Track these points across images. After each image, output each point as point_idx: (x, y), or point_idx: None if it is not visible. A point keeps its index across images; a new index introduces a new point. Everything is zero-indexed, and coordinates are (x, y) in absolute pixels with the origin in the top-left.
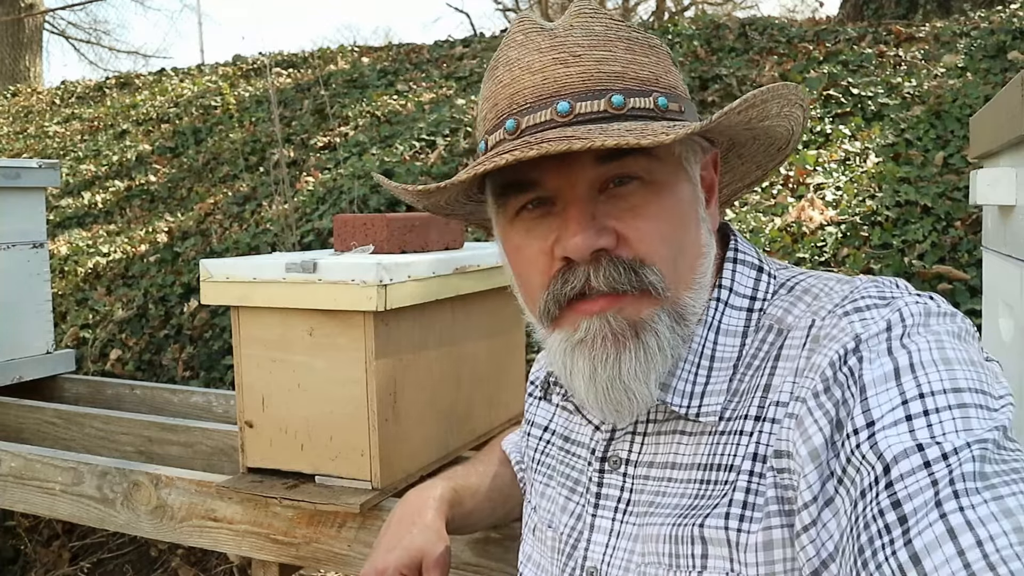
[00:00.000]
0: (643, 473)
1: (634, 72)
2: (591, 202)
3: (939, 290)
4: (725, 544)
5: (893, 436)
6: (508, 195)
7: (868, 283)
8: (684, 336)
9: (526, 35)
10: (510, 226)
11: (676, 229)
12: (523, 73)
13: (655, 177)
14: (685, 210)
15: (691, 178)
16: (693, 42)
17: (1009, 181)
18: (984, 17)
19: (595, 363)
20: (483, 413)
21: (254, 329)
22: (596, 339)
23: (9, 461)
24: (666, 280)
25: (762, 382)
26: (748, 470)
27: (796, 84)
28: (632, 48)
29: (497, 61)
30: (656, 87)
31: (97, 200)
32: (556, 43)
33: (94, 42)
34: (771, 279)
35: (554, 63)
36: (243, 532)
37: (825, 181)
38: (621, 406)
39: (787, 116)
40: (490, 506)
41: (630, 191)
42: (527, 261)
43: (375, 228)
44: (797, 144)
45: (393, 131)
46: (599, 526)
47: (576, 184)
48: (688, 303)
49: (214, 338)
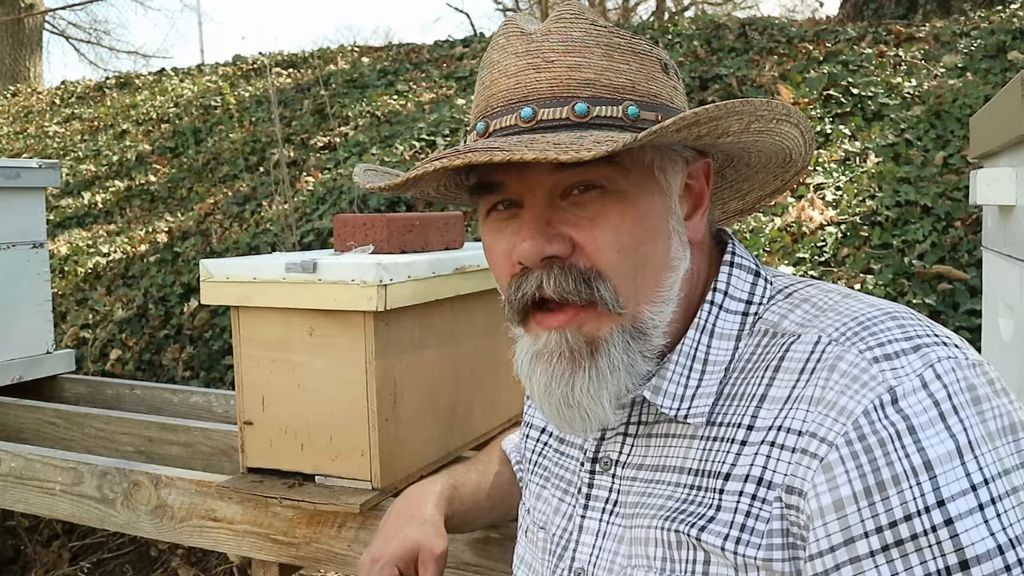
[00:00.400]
0: (631, 475)
1: (608, 79)
2: (550, 208)
3: (939, 290)
4: (723, 558)
5: (973, 530)
6: (480, 194)
7: (882, 314)
8: (644, 350)
9: (507, 39)
10: (483, 224)
11: (638, 241)
12: (499, 76)
13: (618, 186)
14: (651, 221)
15: (664, 189)
16: (693, 42)
17: (1009, 181)
18: (984, 17)
19: (551, 378)
20: (483, 413)
21: (254, 329)
22: (553, 354)
23: (9, 461)
24: (620, 295)
25: (758, 391)
26: (751, 493)
27: (771, 100)
28: (611, 54)
29: (483, 63)
30: (630, 95)
31: (97, 200)
32: (532, 48)
33: (94, 42)
34: (768, 284)
35: (527, 68)
36: (243, 532)
37: (825, 181)
38: (574, 423)
39: (767, 132)
40: (490, 504)
41: (590, 199)
42: (493, 261)
43: (375, 228)
44: (806, 158)
45: (393, 131)
46: (587, 527)
47: (535, 189)
48: (647, 318)
49: (214, 338)
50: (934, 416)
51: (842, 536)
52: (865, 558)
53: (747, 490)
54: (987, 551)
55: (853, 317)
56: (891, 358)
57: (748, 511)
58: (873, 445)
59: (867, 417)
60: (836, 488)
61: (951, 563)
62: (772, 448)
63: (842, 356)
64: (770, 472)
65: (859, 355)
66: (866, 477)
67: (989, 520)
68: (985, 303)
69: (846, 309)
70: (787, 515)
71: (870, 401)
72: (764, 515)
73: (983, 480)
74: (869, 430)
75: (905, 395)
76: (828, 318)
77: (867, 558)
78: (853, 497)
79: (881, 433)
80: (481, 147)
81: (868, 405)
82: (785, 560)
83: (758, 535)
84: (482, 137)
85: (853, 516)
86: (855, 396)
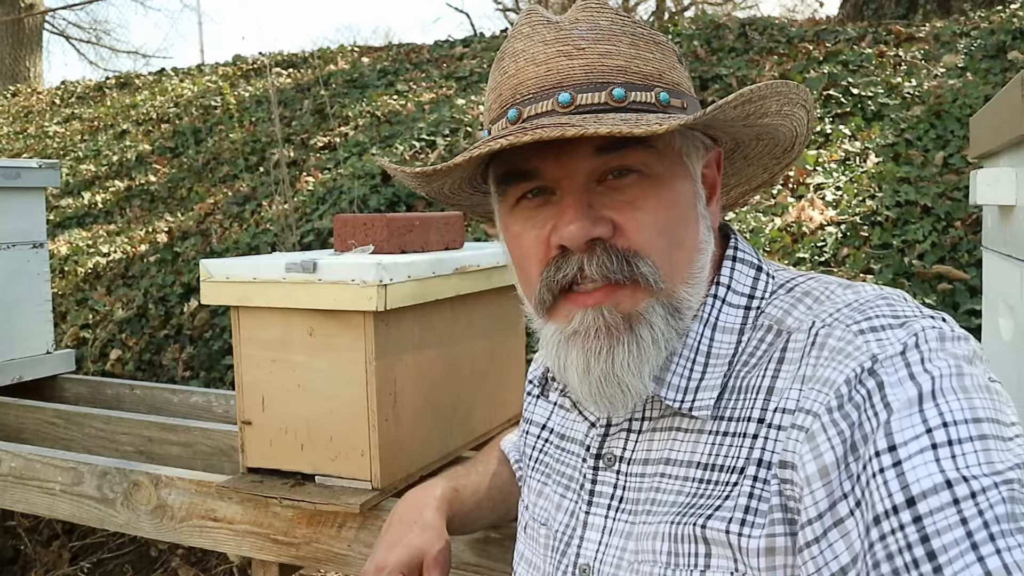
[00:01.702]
0: (637, 471)
1: (637, 67)
2: (589, 192)
3: (939, 290)
4: (727, 546)
5: (920, 467)
6: (509, 183)
7: (876, 296)
8: (679, 329)
9: (532, 27)
10: (510, 215)
11: (673, 223)
12: (528, 64)
13: (654, 171)
14: (684, 205)
15: (691, 174)
16: (693, 42)
17: (1009, 181)
18: (984, 17)
19: (588, 357)
20: (483, 413)
21: (254, 329)
22: (590, 331)
23: (9, 461)
24: (660, 272)
25: (764, 384)
26: (752, 475)
27: (798, 84)
28: (636, 43)
29: (503, 52)
30: (659, 82)
31: (97, 200)
32: (561, 36)
33: (94, 42)
34: (770, 279)
35: (558, 55)
36: (243, 532)
37: (825, 181)
38: (615, 399)
39: (789, 115)
40: (490, 505)
41: (628, 183)
42: (524, 249)
43: (375, 228)
44: (803, 146)
45: (393, 131)
46: (592, 523)
47: (574, 174)
48: (683, 297)
49: (214, 338)
50: (904, 375)
51: (828, 501)
52: (847, 518)
53: (749, 473)
54: (933, 486)
55: (847, 303)
56: (877, 331)
57: (751, 493)
58: (850, 411)
59: (848, 385)
60: (820, 456)
61: (897, 501)
62: (771, 430)
63: (830, 333)
64: (768, 453)
65: (846, 329)
66: (845, 442)
67: (941, 460)
68: (985, 303)
69: (842, 297)
70: (783, 490)
71: (852, 370)
72: (766, 495)
73: (942, 424)
74: (847, 397)
75: (883, 360)
76: (824, 307)
77: (848, 517)
78: (836, 463)
79: (856, 398)
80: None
81: (849, 373)
82: (786, 535)
83: (761, 515)
84: (514, 124)
85: (835, 481)
86: (839, 367)
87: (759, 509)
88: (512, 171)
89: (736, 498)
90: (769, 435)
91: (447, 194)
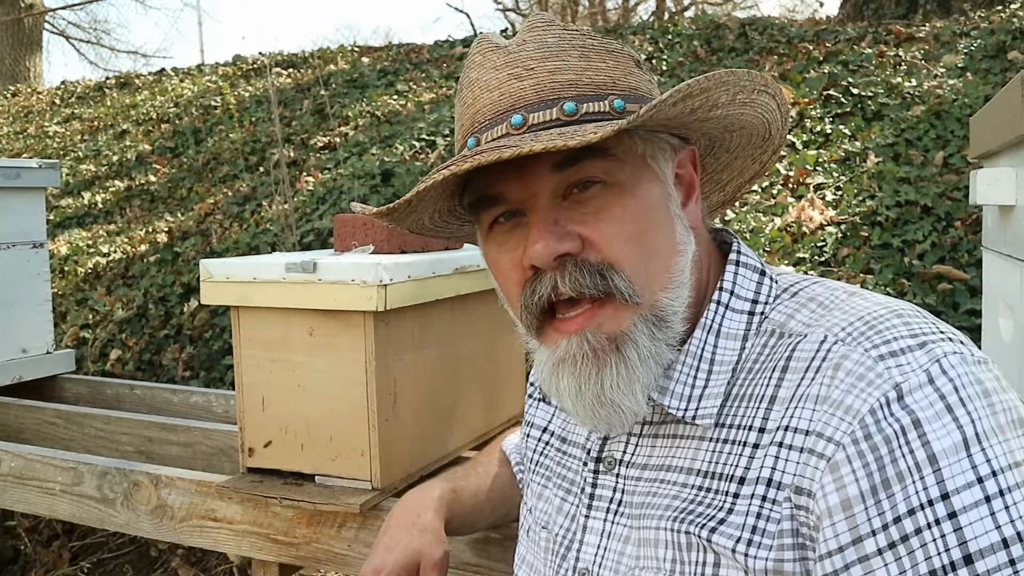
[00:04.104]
0: (636, 475)
1: (588, 78)
2: (555, 209)
3: (939, 290)
4: (733, 561)
5: (977, 523)
6: (479, 210)
7: (888, 312)
8: (668, 339)
9: (483, 55)
10: (486, 241)
11: (643, 229)
12: (482, 92)
13: (616, 179)
14: (653, 209)
15: (660, 176)
16: (693, 42)
17: (1009, 181)
18: (984, 17)
19: (579, 381)
20: (483, 413)
21: (254, 329)
22: (576, 358)
23: (9, 461)
24: (635, 284)
25: (766, 392)
26: (761, 495)
27: (751, 71)
28: (587, 55)
29: (461, 84)
30: (612, 90)
31: (97, 200)
32: (510, 59)
33: (94, 42)
34: (773, 283)
35: (509, 79)
36: (243, 532)
37: (825, 181)
38: (611, 420)
39: (750, 103)
40: (490, 507)
41: (592, 195)
42: (503, 274)
43: (375, 228)
44: (783, 133)
45: (393, 131)
46: (592, 527)
47: (538, 193)
48: (665, 303)
49: (214, 338)
50: (940, 409)
51: (850, 536)
52: (873, 556)
53: (758, 492)
54: (991, 544)
55: (859, 316)
56: (896, 355)
57: (759, 513)
58: (879, 443)
59: (873, 415)
60: (844, 488)
61: (955, 558)
62: (780, 448)
63: (848, 355)
64: (779, 473)
65: (864, 353)
66: (873, 476)
67: (996, 513)
68: (985, 303)
69: (852, 307)
70: (797, 515)
71: (876, 399)
72: (775, 516)
73: (991, 472)
74: (875, 428)
75: (911, 391)
76: (834, 317)
77: (875, 556)
78: (860, 496)
79: (887, 431)
80: (484, 148)
81: (874, 403)
82: (795, 560)
83: (769, 536)
84: (473, 152)
85: (860, 515)
86: (861, 395)
87: (767, 530)
88: (480, 198)
89: (744, 515)
90: (780, 454)
91: (429, 227)
